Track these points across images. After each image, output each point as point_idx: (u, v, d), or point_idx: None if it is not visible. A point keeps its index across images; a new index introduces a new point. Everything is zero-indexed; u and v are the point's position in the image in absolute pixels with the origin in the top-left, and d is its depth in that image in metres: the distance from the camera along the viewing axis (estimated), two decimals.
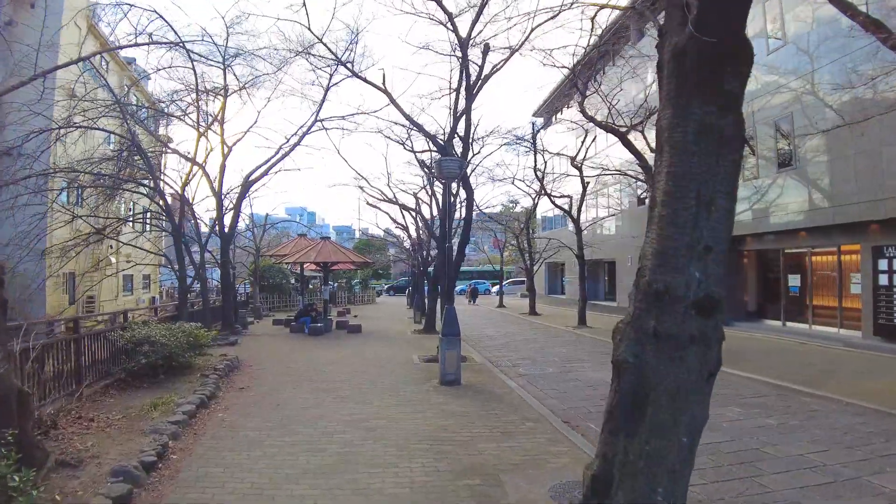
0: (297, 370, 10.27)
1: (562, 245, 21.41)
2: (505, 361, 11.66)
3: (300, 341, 15.29)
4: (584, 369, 10.58)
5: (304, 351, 13.17)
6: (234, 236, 17.84)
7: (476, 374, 9.69)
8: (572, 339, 15.77)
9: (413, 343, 14.61)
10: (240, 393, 8.15)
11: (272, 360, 11.68)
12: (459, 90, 11.26)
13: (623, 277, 24.50)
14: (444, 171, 8.47)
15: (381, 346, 14.07)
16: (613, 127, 14.06)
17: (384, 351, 12.99)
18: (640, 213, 22.76)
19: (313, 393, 8.14)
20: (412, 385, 8.68)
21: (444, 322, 8.59)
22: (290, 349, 13.55)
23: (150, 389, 8.06)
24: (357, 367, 10.61)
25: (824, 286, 14.91)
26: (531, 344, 14.81)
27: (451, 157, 8.52)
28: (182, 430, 5.86)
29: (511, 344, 14.78)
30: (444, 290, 11.23)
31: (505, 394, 8.16)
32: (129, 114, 12.11)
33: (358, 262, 18.92)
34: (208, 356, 10.93)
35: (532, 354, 12.70)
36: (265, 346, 14.30)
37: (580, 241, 19.36)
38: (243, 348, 13.67)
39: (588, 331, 17.78)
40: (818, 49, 13.44)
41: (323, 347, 13.80)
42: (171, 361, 8.64)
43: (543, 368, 10.73)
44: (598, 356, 12.27)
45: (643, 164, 13.61)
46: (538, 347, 14.00)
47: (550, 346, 14.33)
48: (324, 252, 17.12)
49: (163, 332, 8.77)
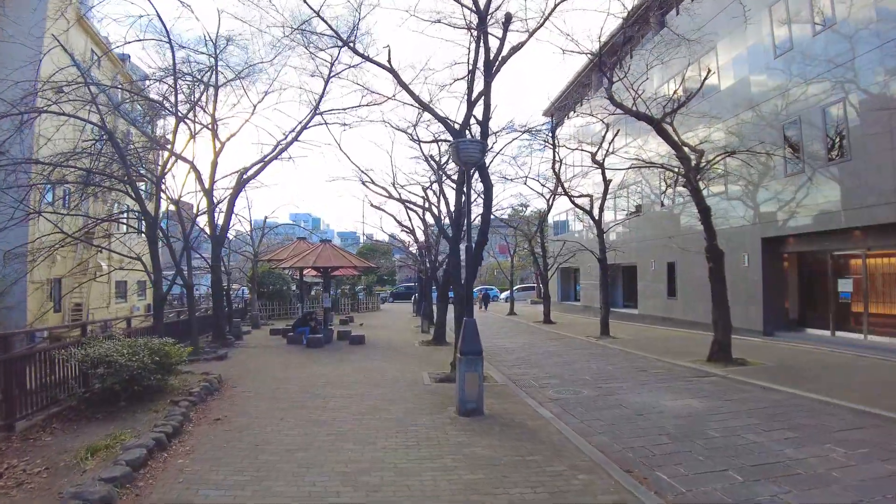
0: (289, 392, 8.75)
1: (580, 248, 19.89)
2: (529, 380, 10.10)
3: (297, 354, 13.78)
4: (623, 391, 9.01)
5: (299, 366, 11.65)
6: (226, 238, 16.40)
7: (499, 400, 8.13)
8: (599, 352, 14.18)
9: (422, 357, 13.07)
10: (213, 427, 6.63)
11: (262, 378, 10.16)
12: (475, 69, 9.78)
13: (646, 283, 22.88)
14: (463, 156, 6.98)
15: (386, 360, 12.54)
16: (647, 115, 12.54)
17: (390, 367, 11.46)
18: (663, 215, 21.19)
19: (304, 426, 6.61)
20: (425, 415, 7.14)
21: (463, 337, 7.07)
22: (284, 364, 12.04)
23: (103, 422, 6.57)
24: (359, 388, 9.08)
25: (884, 292, 13.27)
26: (554, 358, 13.23)
27: (470, 139, 7.03)
28: (119, 492, 4.34)
29: (532, 358, 13.20)
30: (463, 299, 9.69)
31: (540, 427, 6.60)
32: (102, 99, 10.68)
33: (361, 266, 17.44)
34: (187, 374, 9.46)
35: (558, 371, 11.13)
36: (257, 360, 12.80)
37: (602, 243, 17.80)
38: (232, 363, 12.17)
39: (613, 342, 16.20)
40: (868, 33, 11.95)
41: (321, 362, 12.29)
42: (134, 385, 7.15)
43: (577, 390, 9.16)
44: (635, 373, 10.70)
45: (681, 154, 12.07)
46: (563, 362, 12.43)
47: (576, 360, 12.76)
48: (324, 256, 15.64)
49: (124, 349, 7.27)
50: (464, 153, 7.01)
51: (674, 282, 20.41)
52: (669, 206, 20.84)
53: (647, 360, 12.39)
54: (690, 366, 11.36)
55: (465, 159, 7.04)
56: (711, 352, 11.78)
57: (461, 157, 7.03)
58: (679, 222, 20.13)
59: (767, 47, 15.62)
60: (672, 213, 20.56)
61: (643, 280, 23.01)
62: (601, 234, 17.88)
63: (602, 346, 15.30)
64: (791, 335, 15.30)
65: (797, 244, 15.50)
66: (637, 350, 14.04)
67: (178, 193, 13.86)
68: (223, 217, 16.48)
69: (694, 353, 12.70)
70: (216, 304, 15.87)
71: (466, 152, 7.01)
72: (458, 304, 10.08)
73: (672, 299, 20.53)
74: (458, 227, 10.23)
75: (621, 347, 14.75)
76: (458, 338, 9.81)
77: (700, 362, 11.63)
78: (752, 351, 12.75)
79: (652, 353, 13.41)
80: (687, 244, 19.55)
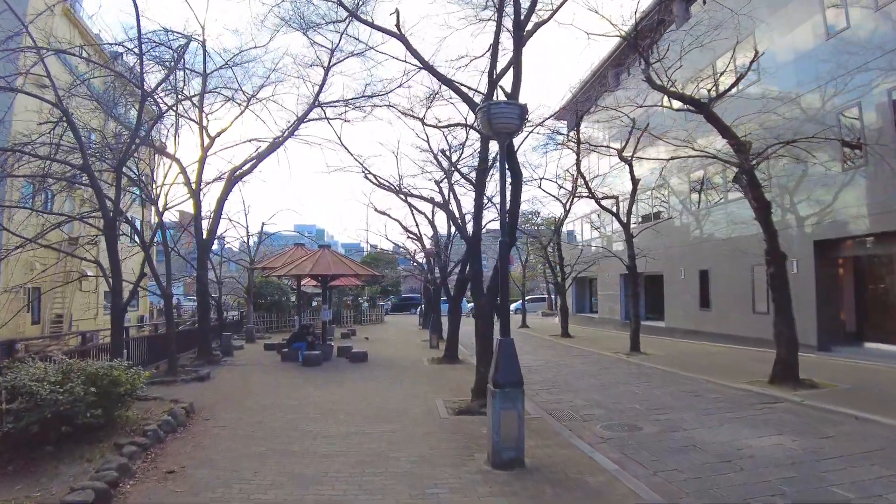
0: (272, 428, 7.00)
1: (605, 255, 18.14)
2: (567, 410, 8.32)
3: (290, 374, 12.05)
4: (688, 424, 7.23)
5: (291, 389, 9.91)
6: (213, 242, 14.75)
7: (539, 440, 6.35)
8: (635, 372, 12.38)
9: (433, 378, 11.32)
10: (161, 484, 4.89)
11: (243, 406, 8.44)
12: (499, 35, 8.13)
13: (674, 293, 21.05)
14: (496, 122, 5.29)
15: (391, 382, 10.79)
16: (694, 98, 10.89)
17: (396, 391, 9.71)
18: (695, 219, 19.42)
19: (283, 486, 4.86)
20: (446, 467, 5.37)
21: (498, 364, 5.31)
22: (274, 386, 10.31)
23: (12, 477, 4.86)
24: (358, 422, 7.32)
25: None
26: (587, 379, 11.44)
27: (504, 101, 5.36)
28: None
29: (562, 380, 11.41)
30: (485, 311, 7.99)
31: (604, 487, 4.83)
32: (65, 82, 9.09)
33: (364, 275, 15.72)
34: (154, 402, 7.80)
35: (599, 398, 9.34)
36: (244, 381, 11.07)
37: (631, 248, 16.04)
38: (213, 386, 10.45)
39: (646, 359, 14.39)
40: None
41: (317, 384, 10.54)
42: (62, 425, 5.43)
43: (631, 423, 7.38)
44: (691, 400, 8.92)
45: (737, 143, 10.36)
46: (600, 386, 10.63)
47: (614, 382, 10.97)
48: (322, 263, 13.94)
49: (51, 376, 5.56)
50: (497, 119, 5.32)
51: (707, 291, 18.60)
52: (701, 208, 19.11)
53: (697, 382, 10.60)
54: (751, 388, 9.58)
55: (498, 127, 5.35)
56: (774, 371, 9.97)
57: (493, 123, 5.34)
58: (713, 226, 18.37)
59: (818, 27, 13.96)
60: (705, 216, 18.81)
61: (670, 290, 21.20)
62: (630, 239, 16.12)
63: (637, 365, 13.48)
64: (849, 350, 13.45)
65: (856, 248, 13.72)
66: (678, 369, 12.23)
67: (158, 190, 12.22)
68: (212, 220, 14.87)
69: (747, 372, 10.94)
70: (201, 317, 14.21)
71: (500, 117, 5.32)
72: (478, 319, 8.36)
73: (704, 311, 18.70)
74: (480, 222, 8.55)
75: (659, 366, 12.94)
76: (481, 358, 8.13)
77: (760, 384, 9.85)
78: (813, 369, 10.90)
79: (697, 372, 11.61)
80: (722, 249, 17.81)
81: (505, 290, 6.24)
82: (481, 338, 8.11)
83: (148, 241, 12.02)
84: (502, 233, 5.77)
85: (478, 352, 8.25)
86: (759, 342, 15.40)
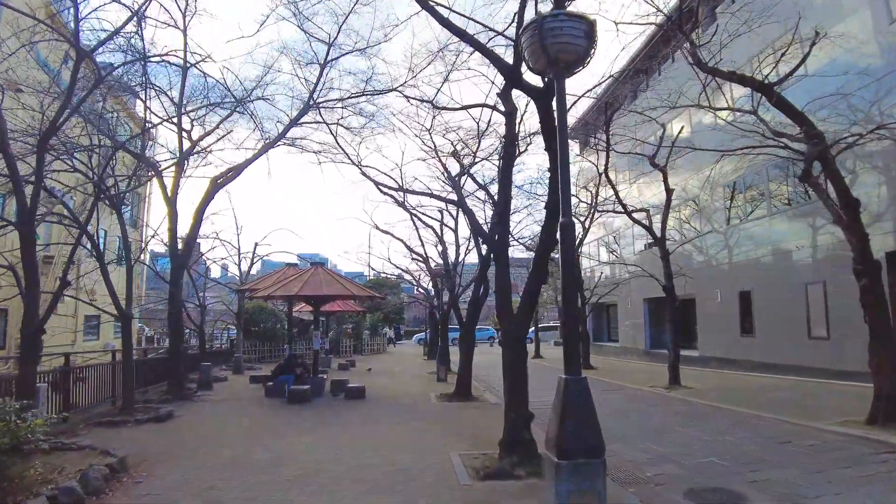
0: (221, 503, 4.97)
1: (641, 275, 16.15)
2: (626, 466, 6.26)
3: (271, 414, 10.01)
4: (800, 486, 5.17)
5: (266, 436, 7.87)
6: (189, 257, 12.89)
7: None
8: (686, 410, 10.28)
9: (445, 420, 9.25)
10: None
11: (196, 461, 6.40)
12: None
13: (708, 319, 18.95)
14: (553, 44, 3.47)
15: (394, 427, 8.72)
16: (757, 80, 9.13)
17: (400, 442, 7.65)
18: (735, 233, 17.47)
19: None
20: None
21: (565, 419, 3.32)
22: (246, 433, 8.26)
23: None
24: (346, 494, 5.26)
25: None
26: (633, 421, 9.35)
27: (566, 12, 3.63)
28: None
29: (607, 425, 9.19)
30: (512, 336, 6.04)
31: None
32: None
33: (362, 296, 13.76)
34: (75, 454, 5.84)
35: (659, 447, 7.26)
36: (212, 423, 9.05)
37: (668, 267, 14.05)
38: (170, 429, 8.43)
39: (690, 393, 12.30)
40: None
41: (301, 428, 8.49)
42: None
43: (725, 488, 5.31)
44: (778, 447, 6.88)
45: (813, 132, 8.51)
46: (652, 430, 8.54)
47: (667, 424, 8.88)
48: (313, 283, 12.01)
49: None
50: (555, 38, 3.48)
51: (749, 315, 16.54)
52: (741, 222, 17.21)
53: (774, 424, 8.51)
54: (850, 432, 7.52)
55: (556, 51, 3.52)
56: (874, 409, 7.91)
57: (549, 46, 3.50)
58: (756, 241, 16.43)
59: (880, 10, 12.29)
60: (746, 231, 16.88)
61: (704, 315, 19.11)
62: (666, 257, 14.15)
63: (683, 401, 11.37)
64: None
65: None
66: (736, 405, 10.16)
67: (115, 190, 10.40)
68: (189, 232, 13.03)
69: (827, 410, 9.03)
70: (173, 344, 12.25)
71: (559, 36, 3.48)
72: (508, 347, 6.38)
73: (746, 337, 16.60)
74: (508, 220, 6.66)
75: (710, 402, 10.86)
76: (511, 399, 6.11)
77: (856, 425, 7.83)
78: None
79: (763, 409, 9.53)
80: (768, 267, 15.84)
81: (572, 303, 4.21)
82: (512, 372, 6.14)
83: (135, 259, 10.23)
84: (564, 211, 3.85)
85: (507, 391, 6.26)
86: (816, 372, 13.27)
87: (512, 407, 6.15)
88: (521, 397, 6.15)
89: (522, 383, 6.21)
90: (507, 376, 6.25)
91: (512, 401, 6.17)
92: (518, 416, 6.12)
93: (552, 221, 5.99)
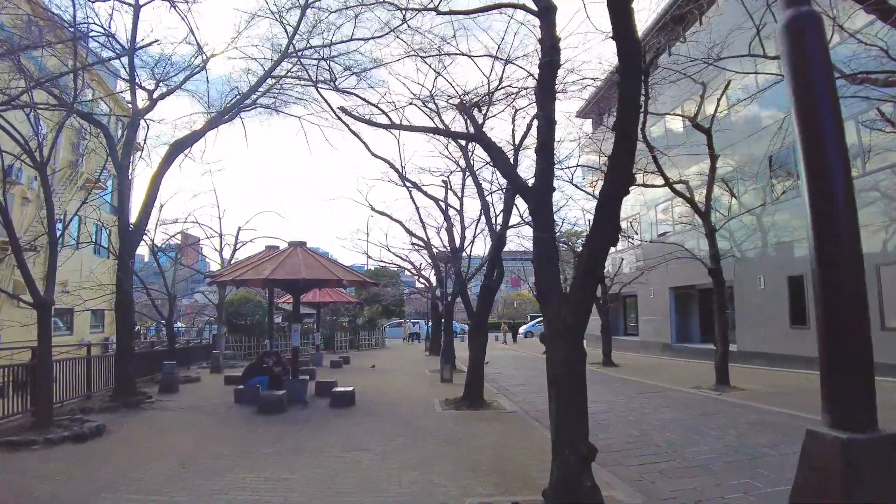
0: None
1: (680, 256, 13.91)
2: None
3: (227, 434, 7.78)
4: None
5: (206, 471, 5.66)
6: (142, 234, 10.65)
7: None
8: (758, 421, 8.03)
9: (454, 441, 7.01)
10: None
11: None
12: None
13: (747, 309, 16.68)
14: None
15: (386, 461, 6.46)
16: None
17: (392, 480, 5.42)
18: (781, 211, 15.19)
19: None
20: None
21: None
22: (171, 472, 6.02)
23: None
24: None
25: None
26: (702, 440, 7.11)
27: None
28: None
29: (663, 443, 7.07)
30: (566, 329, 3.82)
31: None
32: None
33: (352, 281, 11.51)
34: None
35: (766, 485, 5.05)
36: (143, 448, 6.84)
37: (714, 247, 11.80)
38: (81, 458, 6.24)
39: (748, 396, 10.17)
40: None
41: (258, 459, 6.25)
42: None
43: None
44: None
45: None
46: (748, 457, 6.29)
47: (754, 446, 6.66)
48: (289, 265, 9.77)
49: None
50: None
51: (801, 304, 14.28)
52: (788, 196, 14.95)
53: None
54: None
55: None
56: None
57: None
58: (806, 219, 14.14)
59: None
60: (795, 207, 14.59)
61: (743, 304, 16.83)
62: (711, 234, 11.90)
63: (751, 409, 9.12)
64: None
65: None
66: (803, 411, 7.95)
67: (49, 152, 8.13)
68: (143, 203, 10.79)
69: None
70: (120, 340, 10.04)
71: None
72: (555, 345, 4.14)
73: (798, 329, 14.34)
74: (551, 151, 4.44)
75: (784, 409, 8.65)
76: (560, 424, 3.94)
77: None
78: None
79: None
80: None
81: None
82: (565, 384, 3.92)
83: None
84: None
85: (556, 413, 4.03)
86: (892, 369, 11.06)
87: (565, 438, 3.92)
88: (578, 424, 3.94)
89: (580, 401, 3.99)
90: (557, 391, 4.02)
91: (564, 429, 3.94)
92: (573, 453, 3.90)
93: (625, 146, 3.78)
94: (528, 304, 52.86)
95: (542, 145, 4.48)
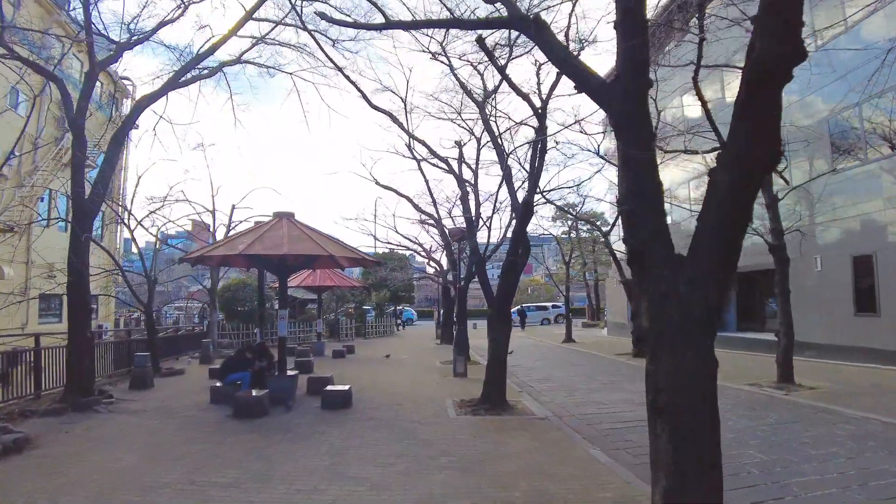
0: None
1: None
2: None
3: (185, 448, 6.12)
4: None
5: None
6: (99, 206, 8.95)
7: None
8: (852, 434, 6.24)
9: (476, 471, 5.26)
10: None
11: None
12: None
13: (804, 293, 14.70)
14: None
15: (385, 488, 4.78)
16: None
17: None
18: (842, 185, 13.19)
19: None
20: None
21: None
22: (123, 491, 4.38)
23: None
24: None
25: None
26: (791, 464, 5.34)
27: None
28: None
29: (732, 458, 5.31)
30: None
31: None
32: None
33: (351, 259, 9.79)
34: None
35: None
36: (63, 469, 5.21)
37: (776, 220, 9.96)
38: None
39: (818, 397, 8.54)
40: None
41: (217, 491, 4.60)
42: None
43: None
44: None
45: None
46: (841, 479, 4.59)
47: (869, 464, 4.90)
48: (271, 240, 8.07)
49: None
50: None
51: (869, 288, 12.38)
52: (850, 166, 12.98)
53: None
54: None
55: None
56: None
57: None
58: (885, 186, 12.17)
59: None
60: (869, 171, 12.59)
61: (795, 289, 14.73)
62: (774, 204, 10.03)
63: (831, 412, 7.36)
64: None
65: None
66: None
67: None
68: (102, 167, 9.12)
69: None
70: (73, 328, 8.44)
71: None
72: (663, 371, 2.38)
73: (865, 316, 12.46)
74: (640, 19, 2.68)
75: (870, 414, 6.90)
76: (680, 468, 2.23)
77: None
78: None
79: None
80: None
81: None
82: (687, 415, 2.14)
83: None
84: None
85: (670, 461, 2.25)
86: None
87: (691, 492, 2.18)
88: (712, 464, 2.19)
89: (713, 443, 2.24)
90: (671, 427, 2.27)
91: (681, 473, 2.20)
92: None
93: None
94: (542, 291, 51.04)
95: (624, 13, 2.69)
